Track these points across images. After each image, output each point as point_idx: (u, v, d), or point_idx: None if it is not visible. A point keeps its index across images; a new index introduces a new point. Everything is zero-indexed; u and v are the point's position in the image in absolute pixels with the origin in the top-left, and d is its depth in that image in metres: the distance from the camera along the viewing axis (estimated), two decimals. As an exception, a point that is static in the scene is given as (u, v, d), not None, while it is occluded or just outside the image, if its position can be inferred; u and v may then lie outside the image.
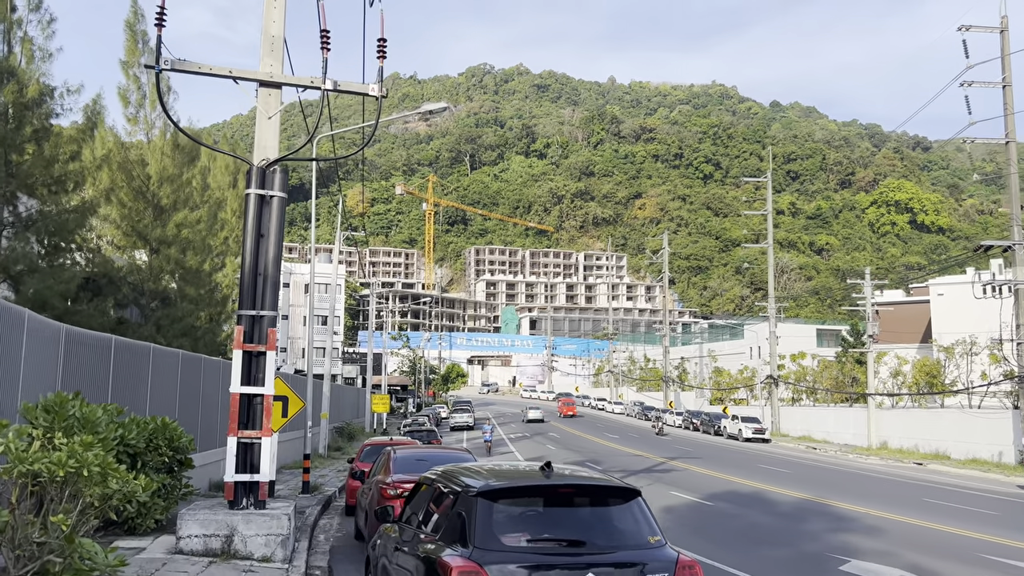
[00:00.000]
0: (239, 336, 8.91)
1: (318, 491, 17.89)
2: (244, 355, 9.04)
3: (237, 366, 8.89)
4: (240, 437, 8.82)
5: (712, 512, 17.20)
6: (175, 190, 32.15)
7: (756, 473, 28.43)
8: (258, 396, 9.07)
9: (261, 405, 9.02)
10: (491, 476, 5.39)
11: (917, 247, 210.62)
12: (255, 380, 9.06)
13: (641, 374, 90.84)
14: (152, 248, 32.14)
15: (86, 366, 11.21)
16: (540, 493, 5.12)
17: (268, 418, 8.91)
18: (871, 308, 41.88)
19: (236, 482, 8.73)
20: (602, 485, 5.36)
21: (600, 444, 41.80)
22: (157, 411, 13.79)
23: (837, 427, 46.72)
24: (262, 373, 9.06)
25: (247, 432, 8.87)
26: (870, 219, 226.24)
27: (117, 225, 31.32)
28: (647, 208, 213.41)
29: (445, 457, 10.62)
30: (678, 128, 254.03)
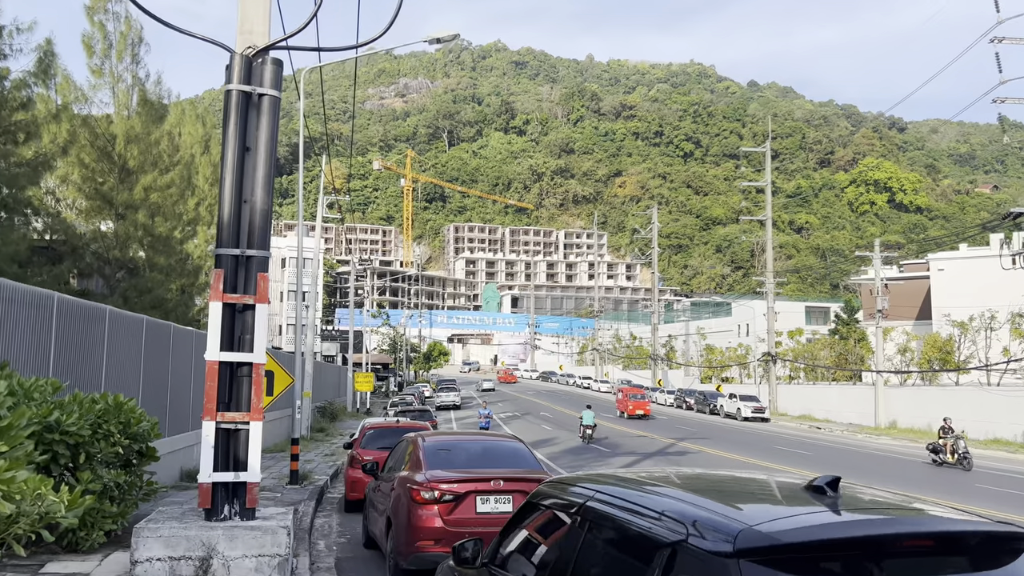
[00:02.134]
0: (217, 283, 6.50)
1: (308, 480, 15.50)
2: (225, 310, 6.63)
3: (215, 324, 6.48)
4: (220, 422, 6.43)
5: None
6: (143, 150, 29.40)
7: (775, 455, 26.50)
8: (244, 366, 6.66)
9: (248, 379, 6.63)
10: (726, 503, 2.77)
11: (896, 226, 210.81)
12: (240, 344, 6.65)
13: (627, 352, 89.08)
14: (118, 213, 29.39)
15: (18, 330, 8.72)
16: (872, 548, 2.41)
17: (258, 396, 6.52)
18: (880, 282, 40.04)
19: (215, 483, 6.33)
20: (994, 532, 2.57)
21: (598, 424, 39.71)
22: (115, 388, 11.31)
23: (840, 406, 45.04)
24: (250, 334, 6.65)
25: (229, 415, 6.47)
26: (849, 198, 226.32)
27: (79, 188, 28.56)
28: (627, 186, 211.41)
29: (494, 448, 8.39)
30: (658, 106, 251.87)
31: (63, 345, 9.72)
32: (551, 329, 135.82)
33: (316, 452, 23.32)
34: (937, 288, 53.16)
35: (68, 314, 9.93)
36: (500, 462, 7.92)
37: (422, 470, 7.59)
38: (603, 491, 3.12)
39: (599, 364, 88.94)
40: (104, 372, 11.03)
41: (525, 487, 7.20)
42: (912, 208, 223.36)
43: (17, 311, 8.86)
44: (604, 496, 3.07)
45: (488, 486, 7.22)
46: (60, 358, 9.61)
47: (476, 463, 7.81)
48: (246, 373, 6.68)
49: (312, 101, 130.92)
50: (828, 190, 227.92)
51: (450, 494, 7.16)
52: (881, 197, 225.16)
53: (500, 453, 8.27)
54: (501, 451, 8.33)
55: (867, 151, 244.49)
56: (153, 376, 13.15)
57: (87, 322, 10.56)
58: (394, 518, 7.58)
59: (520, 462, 7.98)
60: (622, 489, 3.07)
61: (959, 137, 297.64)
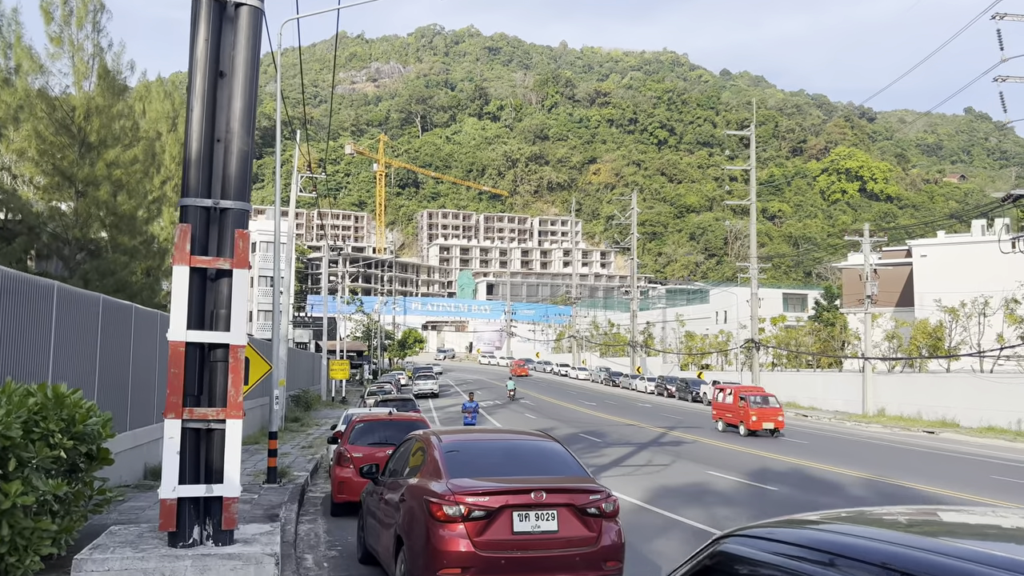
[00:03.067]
0: (183, 241, 5.09)
1: (287, 478, 14.06)
2: (193, 277, 5.22)
3: (180, 295, 5.06)
4: (188, 420, 5.02)
5: (789, 501, 13.90)
6: (104, 124, 27.54)
7: (769, 444, 25.53)
8: (218, 349, 5.26)
9: (224, 365, 5.23)
10: None
11: (867, 215, 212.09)
12: (213, 321, 5.25)
13: (605, 339, 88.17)
14: (78, 191, 27.59)
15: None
16: None
17: (236, 386, 5.12)
18: (869, 267, 39.25)
19: (181, 499, 4.91)
20: None
21: (582, 412, 38.60)
22: (66, 378, 9.79)
23: (826, 393, 44.39)
24: (225, 308, 5.26)
25: (200, 411, 5.07)
26: (821, 186, 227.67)
27: (36, 163, 26.68)
28: (602, 173, 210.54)
29: (526, 450, 6.91)
30: (632, 93, 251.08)
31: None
32: (527, 316, 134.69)
33: (292, 444, 21.85)
34: (920, 274, 52.64)
35: (6, 290, 8.39)
36: (536, 467, 6.53)
37: (441, 478, 6.11)
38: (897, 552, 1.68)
39: (576, 351, 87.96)
40: (51, 359, 9.49)
41: (573, 499, 5.93)
42: (883, 197, 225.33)
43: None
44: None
45: (527, 499, 5.81)
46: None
47: (507, 469, 6.40)
48: (221, 358, 5.29)
49: (281, 83, 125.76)
50: (800, 178, 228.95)
51: (480, 509, 5.73)
52: (852, 186, 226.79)
53: (534, 456, 6.82)
54: (534, 453, 6.87)
55: (839, 140, 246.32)
56: (112, 364, 11.61)
57: (30, 300, 9.01)
58: (407, 537, 6.17)
59: (560, 467, 6.56)
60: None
61: (927, 128, 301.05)
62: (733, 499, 13.70)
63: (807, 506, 13.25)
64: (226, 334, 5.29)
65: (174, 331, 5.15)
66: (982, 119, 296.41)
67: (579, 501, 5.90)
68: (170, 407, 5.10)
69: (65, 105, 27.03)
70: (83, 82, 27.60)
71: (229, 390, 5.21)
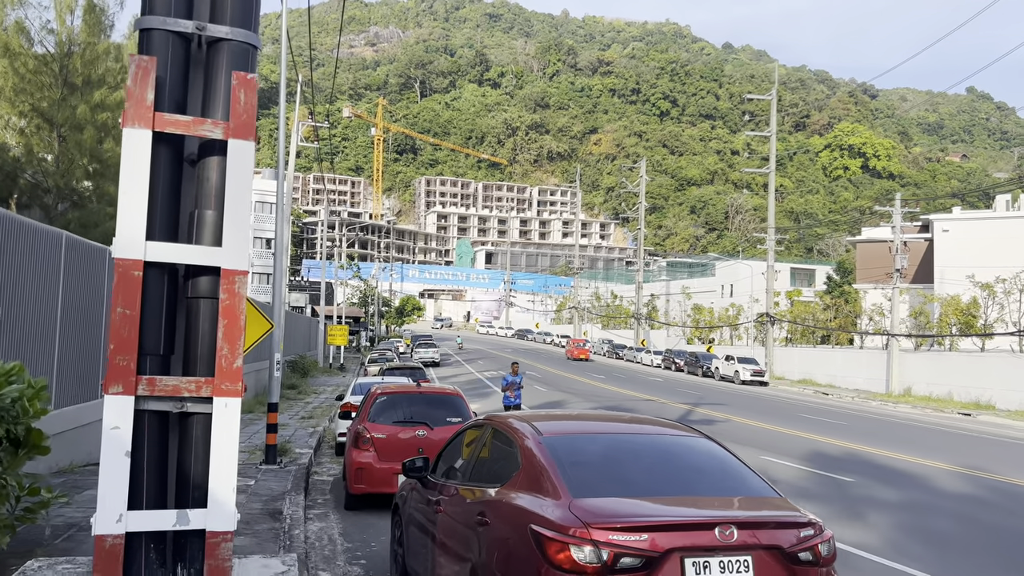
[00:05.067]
0: (141, 83, 2.97)
1: (287, 456, 12.00)
2: (160, 151, 3.12)
3: (136, 181, 2.90)
4: (145, 397, 2.96)
5: (883, 498, 11.90)
6: (88, 63, 25.22)
7: (808, 424, 23.60)
8: (201, 277, 3.14)
9: (211, 304, 3.15)
10: None
11: (869, 192, 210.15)
12: (193, 229, 3.16)
13: (607, 311, 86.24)
14: (60, 135, 25.35)
15: None
16: None
17: (233, 343, 3.03)
18: (899, 240, 37.18)
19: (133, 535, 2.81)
20: None
21: (594, 386, 36.67)
22: (18, 337, 7.65)
23: (845, 371, 42.54)
24: (214, 208, 3.17)
25: (169, 383, 2.96)
26: (823, 162, 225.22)
27: (12, 102, 24.44)
28: (603, 144, 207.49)
29: (669, 451, 4.57)
30: (635, 63, 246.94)
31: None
32: (526, 287, 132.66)
33: (290, 414, 19.80)
34: (941, 249, 50.62)
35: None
36: (693, 481, 4.33)
37: (558, 495, 3.88)
38: None
39: (578, 323, 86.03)
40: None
41: (775, 538, 3.78)
42: (885, 174, 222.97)
43: None
44: None
45: (707, 538, 3.64)
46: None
47: (653, 483, 4.21)
48: (206, 292, 3.22)
49: (276, 47, 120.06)
50: (803, 154, 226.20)
51: (633, 553, 3.52)
52: (855, 163, 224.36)
53: (684, 461, 4.53)
54: (684, 456, 4.56)
55: (843, 116, 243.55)
56: (79, 319, 9.46)
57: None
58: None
59: (731, 480, 4.34)
60: None
61: (928, 106, 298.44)
62: (815, 494, 11.70)
63: (916, 506, 11.26)
64: (215, 251, 3.21)
65: (124, 243, 3.07)
66: (984, 99, 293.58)
67: (785, 540, 3.75)
68: (114, 374, 3.05)
69: (47, 41, 24.83)
70: (66, 17, 25.24)
71: (220, 347, 3.15)
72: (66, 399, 9.26)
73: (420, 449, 9.03)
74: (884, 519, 9.99)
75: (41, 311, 8.44)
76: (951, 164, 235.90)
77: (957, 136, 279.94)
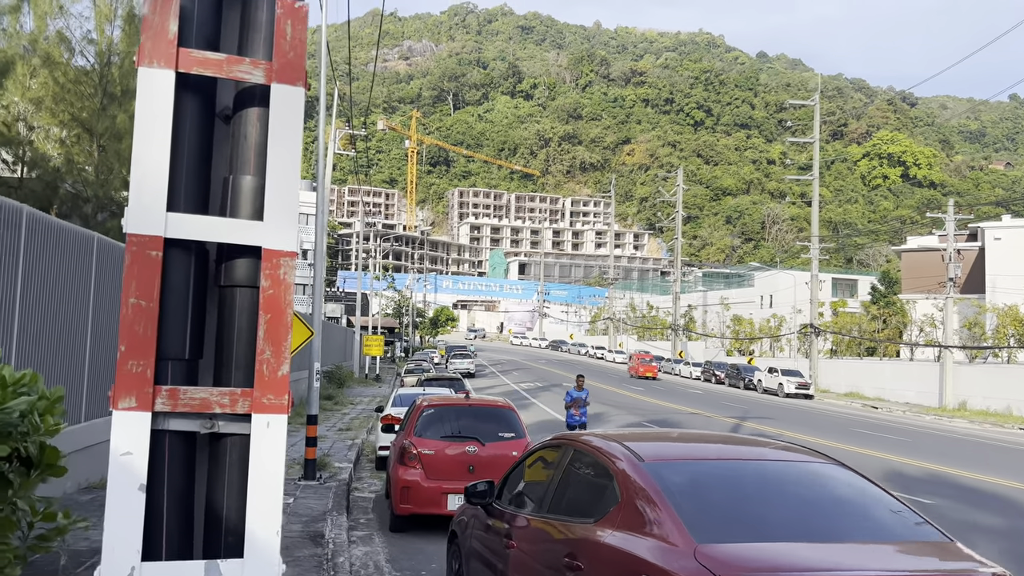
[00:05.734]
0: (162, 10, 2.27)
1: (327, 470, 11.39)
2: (185, 99, 2.45)
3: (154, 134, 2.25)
4: (165, 413, 2.33)
5: (981, 523, 10.96)
6: (126, 73, 25.12)
7: (866, 440, 22.49)
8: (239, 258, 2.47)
9: (251, 294, 2.45)
10: None
11: (909, 201, 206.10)
12: (227, 199, 2.50)
13: (643, 322, 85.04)
14: (99, 144, 25.25)
15: None
16: None
17: (277, 345, 2.37)
18: (952, 248, 35.80)
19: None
20: None
21: (633, 398, 35.76)
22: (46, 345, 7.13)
23: (895, 383, 41.08)
24: (253, 173, 2.54)
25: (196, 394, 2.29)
26: (862, 171, 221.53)
27: (53, 112, 24.37)
28: (636, 154, 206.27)
29: (791, 479, 3.75)
30: (669, 73, 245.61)
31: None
32: (560, 297, 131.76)
33: (328, 426, 19.25)
34: (993, 258, 48.89)
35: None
36: (846, 521, 3.45)
37: (678, 539, 3.08)
38: None
39: (613, 334, 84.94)
40: (16, 318, 6.81)
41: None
42: (926, 183, 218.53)
43: None
44: None
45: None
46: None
47: (790, 524, 3.34)
48: (243, 279, 2.58)
49: (311, 62, 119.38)
50: (841, 162, 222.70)
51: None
52: (895, 171, 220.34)
53: (824, 494, 3.67)
54: (821, 488, 3.71)
55: (881, 124, 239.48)
56: (111, 326, 8.97)
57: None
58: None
59: (889, 523, 3.48)
60: None
61: (969, 114, 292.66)
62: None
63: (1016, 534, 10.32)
64: (255, 226, 2.57)
65: (139, 214, 2.45)
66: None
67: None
68: (125, 384, 2.42)
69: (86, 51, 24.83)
70: (105, 26, 25.20)
71: (261, 350, 2.51)
72: (96, 410, 8.75)
73: (471, 467, 8.36)
74: (996, 548, 9.08)
75: (71, 317, 7.94)
76: (995, 172, 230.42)
77: (1000, 144, 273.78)
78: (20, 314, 6.70)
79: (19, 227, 6.70)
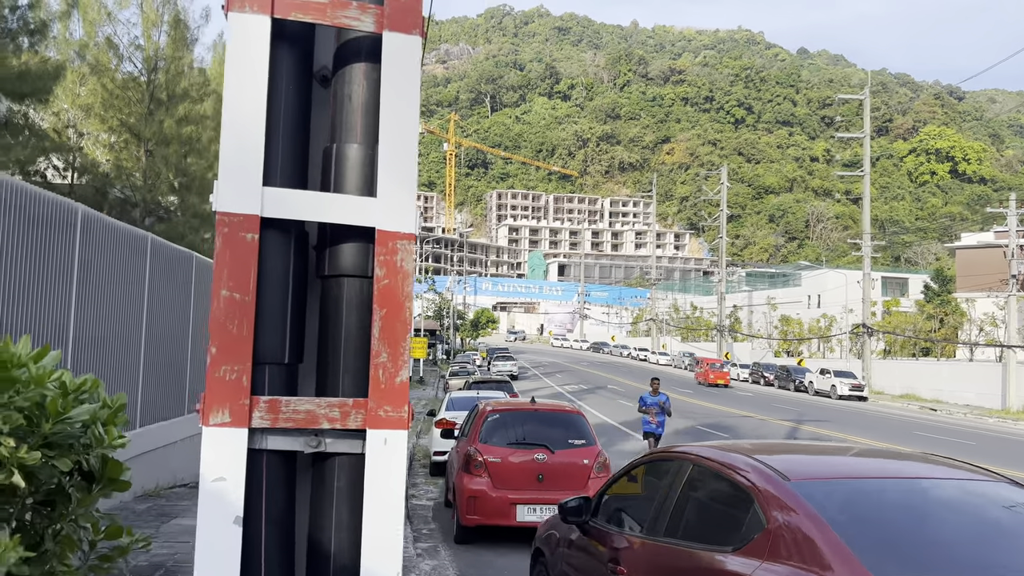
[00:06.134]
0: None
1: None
2: (283, 52, 2.04)
3: (247, 86, 1.84)
4: (263, 429, 1.93)
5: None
6: (173, 77, 25.29)
7: (929, 444, 21.57)
8: (344, 243, 2.07)
9: (364, 286, 2.03)
10: None
11: (959, 197, 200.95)
12: (330, 171, 2.05)
13: (686, 323, 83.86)
14: (147, 149, 25.44)
15: None
16: None
17: (395, 347, 1.97)
18: (1014, 244, 34.43)
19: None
20: None
21: (683, 400, 35.01)
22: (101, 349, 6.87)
23: (953, 384, 39.70)
24: (360, 141, 2.13)
25: (299, 406, 1.87)
26: (908, 168, 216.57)
27: (102, 119, 24.59)
28: (676, 153, 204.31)
29: (997, 518, 3.06)
30: (708, 71, 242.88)
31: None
32: (600, 299, 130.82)
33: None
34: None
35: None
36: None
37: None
38: None
39: (656, 335, 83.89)
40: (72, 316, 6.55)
41: None
42: (976, 179, 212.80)
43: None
44: None
45: None
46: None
47: (991, 564, 2.78)
48: (350, 267, 2.17)
49: None
50: (887, 159, 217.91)
51: None
52: (943, 167, 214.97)
53: (1014, 524, 3.12)
54: (1010, 516, 3.14)
55: (928, 119, 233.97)
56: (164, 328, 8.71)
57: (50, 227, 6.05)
58: None
59: None
60: None
61: (1020, 108, 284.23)
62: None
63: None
64: (366, 203, 2.16)
65: (231, 190, 2.04)
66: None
67: None
68: (218, 394, 2.02)
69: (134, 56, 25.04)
70: (152, 32, 25.37)
71: (376, 352, 2.10)
72: (151, 416, 8.50)
73: (540, 475, 7.92)
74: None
75: (126, 318, 7.67)
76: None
77: None
78: (75, 315, 6.44)
79: (74, 226, 6.44)
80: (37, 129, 20.89)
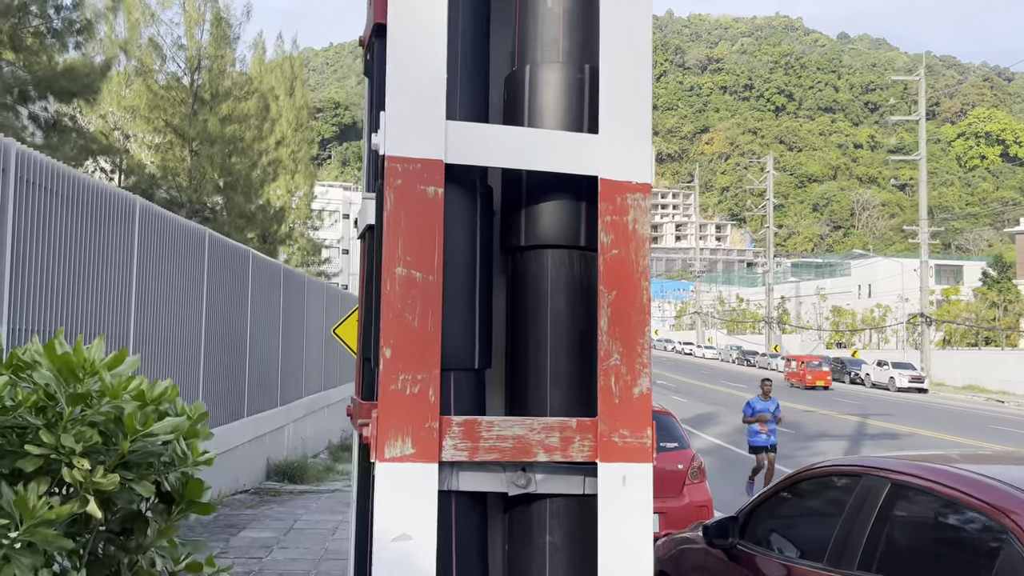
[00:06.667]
0: None
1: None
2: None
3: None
4: (456, 463, 1.37)
5: None
6: (216, 76, 25.22)
7: (1011, 439, 20.54)
8: (546, 200, 1.51)
9: (572, 265, 1.47)
10: None
11: (1011, 181, 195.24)
12: (524, 103, 1.45)
13: (732, 315, 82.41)
14: (192, 149, 25.38)
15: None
16: None
17: (631, 345, 1.39)
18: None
19: None
20: None
21: (735, 395, 34.12)
22: (163, 351, 6.45)
23: (1020, 374, 38.17)
24: (562, 60, 1.50)
25: (509, 430, 1.28)
26: (957, 152, 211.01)
27: (147, 120, 24.62)
28: (715, 143, 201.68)
29: None
30: (747, 58, 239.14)
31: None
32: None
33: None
34: None
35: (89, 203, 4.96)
36: None
37: None
38: None
39: (700, 328, 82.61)
40: (133, 308, 6.11)
41: None
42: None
43: None
44: None
45: None
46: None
47: None
48: (557, 234, 1.56)
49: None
50: (934, 143, 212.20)
51: None
52: (993, 151, 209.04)
53: None
54: None
55: (976, 102, 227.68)
56: (222, 328, 8.30)
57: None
58: None
59: None
60: None
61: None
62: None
63: None
64: (585, 141, 1.56)
65: (404, 127, 1.44)
66: None
67: None
68: (393, 414, 1.36)
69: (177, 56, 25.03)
70: (195, 31, 25.31)
71: (605, 351, 1.53)
72: (212, 419, 8.08)
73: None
74: None
75: (185, 317, 7.25)
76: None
77: None
78: (136, 313, 6.00)
79: (132, 218, 6.01)
80: (84, 131, 20.82)
